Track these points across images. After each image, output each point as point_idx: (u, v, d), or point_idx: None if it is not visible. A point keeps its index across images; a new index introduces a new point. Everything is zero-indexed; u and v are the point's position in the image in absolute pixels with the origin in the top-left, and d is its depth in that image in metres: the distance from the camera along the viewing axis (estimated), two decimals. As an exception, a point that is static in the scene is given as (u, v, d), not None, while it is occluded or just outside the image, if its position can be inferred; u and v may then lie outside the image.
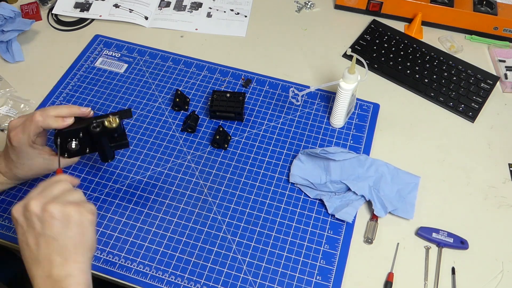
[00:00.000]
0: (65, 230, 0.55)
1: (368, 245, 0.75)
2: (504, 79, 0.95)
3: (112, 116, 0.67)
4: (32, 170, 0.70)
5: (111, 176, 0.81)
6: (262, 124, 0.88)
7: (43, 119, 0.65)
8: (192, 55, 0.99)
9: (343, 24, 1.07)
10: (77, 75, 0.95)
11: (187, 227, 0.75)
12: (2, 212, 0.77)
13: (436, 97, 0.93)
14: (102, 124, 0.66)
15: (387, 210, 0.75)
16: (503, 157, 0.85)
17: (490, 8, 1.02)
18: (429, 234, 0.74)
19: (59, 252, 0.55)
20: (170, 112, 0.90)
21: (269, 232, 0.75)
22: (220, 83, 0.94)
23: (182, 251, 0.73)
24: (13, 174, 0.70)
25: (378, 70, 0.97)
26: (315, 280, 0.71)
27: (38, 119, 0.64)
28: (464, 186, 0.81)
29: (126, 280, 0.71)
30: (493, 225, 0.77)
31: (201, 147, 0.85)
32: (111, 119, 0.67)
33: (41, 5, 1.08)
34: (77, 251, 0.56)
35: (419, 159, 0.84)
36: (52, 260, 0.54)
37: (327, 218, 0.77)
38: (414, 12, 1.04)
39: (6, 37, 0.96)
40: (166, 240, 0.74)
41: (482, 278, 0.72)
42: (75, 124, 0.67)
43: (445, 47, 1.03)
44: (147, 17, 1.06)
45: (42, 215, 0.55)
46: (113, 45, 1.00)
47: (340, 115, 0.84)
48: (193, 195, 0.79)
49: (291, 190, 0.80)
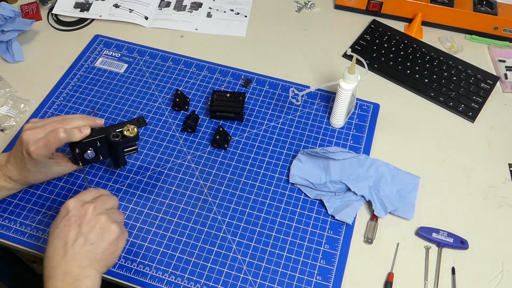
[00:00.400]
0: (103, 241, 0.61)
1: (368, 245, 0.75)
2: (504, 79, 0.95)
3: (130, 125, 0.71)
4: (48, 176, 0.74)
5: (111, 176, 0.81)
6: (262, 124, 0.88)
7: (68, 136, 0.67)
8: (192, 55, 0.99)
9: (343, 24, 1.07)
10: (77, 75, 0.95)
11: (187, 227, 0.75)
12: (2, 212, 0.77)
13: (436, 97, 0.93)
14: (121, 133, 0.70)
15: (387, 210, 0.75)
16: (503, 157, 0.85)
17: (490, 8, 1.02)
18: (429, 234, 0.74)
19: (88, 256, 0.60)
20: (170, 112, 0.90)
21: (269, 232, 0.75)
22: (220, 83, 0.94)
23: (182, 251, 0.73)
24: (27, 181, 0.73)
25: (378, 70, 0.97)
26: (315, 280, 0.71)
27: (62, 136, 0.66)
28: (464, 186, 0.81)
29: (126, 280, 0.71)
30: (493, 225, 0.77)
31: (201, 147, 0.85)
32: (130, 129, 0.70)
33: (41, 5, 1.08)
34: (101, 262, 0.61)
35: (419, 159, 0.84)
36: (79, 260, 0.59)
37: (327, 218, 0.77)
38: (414, 12, 1.04)
39: (6, 37, 0.96)
40: (166, 240, 0.74)
41: (482, 278, 0.72)
42: (91, 133, 0.70)
43: (445, 47, 1.03)
44: (147, 17, 1.06)
45: (93, 220, 0.61)
46: (113, 45, 1.00)
47: (340, 115, 0.84)
48: (193, 195, 0.79)
49: (291, 190, 0.80)
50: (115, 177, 0.81)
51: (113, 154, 0.75)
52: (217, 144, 0.84)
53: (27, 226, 0.75)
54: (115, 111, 0.89)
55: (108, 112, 0.89)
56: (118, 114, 0.89)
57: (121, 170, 0.81)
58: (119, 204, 0.71)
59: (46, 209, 0.77)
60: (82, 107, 0.90)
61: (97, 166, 0.82)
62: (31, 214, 0.76)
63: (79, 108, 0.90)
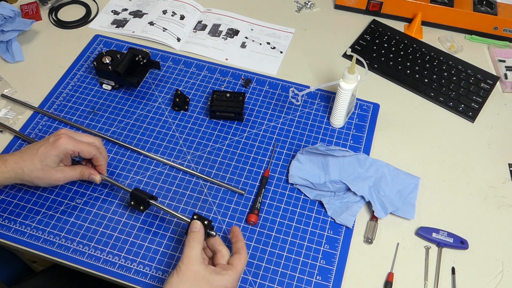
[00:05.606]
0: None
1: (368, 245, 0.75)
2: (504, 79, 0.95)
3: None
4: (44, 178, 0.72)
5: (111, 176, 0.81)
6: (262, 124, 0.88)
7: (89, 173, 0.75)
8: (192, 55, 0.99)
9: (343, 24, 1.07)
10: (77, 75, 0.95)
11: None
12: (2, 212, 0.77)
13: (436, 97, 0.93)
14: None
15: (387, 211, 0.75)
16: (503, 157, 0.85)
17: (490, 8, 1.02)
18: (429, 234, 0.74)
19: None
20: (170, 112, 0.90)
21: (269, 232, 0.75)
22: (220, 83, 0.94)
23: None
24: (21, 171, 0.70)
25: (378, 70, 0.97)
26: (315, 280, 0.71)
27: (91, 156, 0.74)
28: (464, 186, 0.81)
29: (126, 280, 0.71)
30: (493, 225, 0.77)
31: (201, 147, 0.85)
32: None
33: (41, 5, 1.08)
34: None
35: (419, 159, 0.84)
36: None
37: (327, 218, 0.77)
38: (414, 12, 1.04)
39: (6, 37, 0.96)
40: (166, 240, 0.74)
41: (482, 278, 0.72)
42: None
43: (445, 47, 1.03)
44: (179, 38, 1.02)
45: None
46: (113, 45, 1.00)
47: (340, 115, 0.84)
48: (193, 195, 0.79)
49: (291, 190, 0.80)
50: (115, 177, 0.81)
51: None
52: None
53: (27, 226, 0.75)
54: (115, 111, 0.89)
55: (108, 112, 0.89)
56: (118, 114, 0.89)
57: (121, 170, 0.81)
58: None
59: (46, 209, 0.77)
60: (82, 107, 0.90)
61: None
62: (31, 214, 0.76)
63: (79, 108, 0.90)
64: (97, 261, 0.72)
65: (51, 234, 0.74)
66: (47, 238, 0.74)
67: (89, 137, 0.75)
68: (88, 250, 0.73)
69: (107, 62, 0.89)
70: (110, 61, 0.89)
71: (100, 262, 0.72)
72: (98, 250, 0.73)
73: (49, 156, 0.70)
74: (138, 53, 0.89)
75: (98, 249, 0.73)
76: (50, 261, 0.74)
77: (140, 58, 0.89)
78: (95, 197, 0.78)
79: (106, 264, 0.72)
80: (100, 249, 0.73)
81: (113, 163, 0.82)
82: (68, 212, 0.77)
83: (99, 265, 0.72)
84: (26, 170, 0.70)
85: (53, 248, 0.73)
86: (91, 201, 0.78)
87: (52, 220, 0.76)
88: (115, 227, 0.75)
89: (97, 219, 0.76)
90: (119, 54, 0.90)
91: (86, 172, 0.75)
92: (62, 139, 0.71)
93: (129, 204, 0.74)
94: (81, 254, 0.73)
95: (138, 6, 1.08)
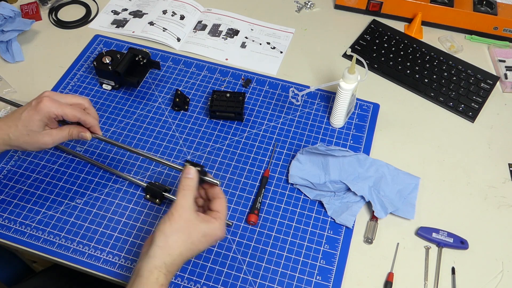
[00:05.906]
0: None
1: (368, 245, 0.75)
2: (504, 79, 0.95)
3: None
4: (31, 142, 0.69)
5: (111, 176, 0.81)
6: (262, 124, 0.88)
7: (79, 132, 0.71)
8: (192, 55, 0.99)
9: (343, 24, 1.07)
10: (77, 75, 0.95)
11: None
12: (2, 212, 0.77)
13: (436, 97, 0.93)
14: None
15: (387, 211, 0.75)
16: (503, 157, 0.85)
17: (490, 8, 1.02)
18: (429, 234, 0.74)
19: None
20: (170, 112, 0.90)
21: (269, 232, 0.75)
22: (220, 83, 0.94)
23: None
24: (8, 136, 0.68)
25: (378, 70, 0.97)
26: (315, 280, 0.71)
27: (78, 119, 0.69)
28: (464, 186, 0.81)
29: (126, 280, 0.71)
30: (493, 225, 0.77)
31: (201, 147, 0.85)
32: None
33: (41, 5, 1.08)
34: None
35: (419, 159, 0.84)
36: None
37: (327, 218, 0.77)
38: (414, 12, 1.04)
39: (6, 37, 0.96)
40: (166, 240, 0.74)
41: (482, 278, 0.72)
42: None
43: (445, 47, 1.03)
44: (179, 38, 1.02)
45: None
46: (113, 45, 1.00)
47: (340, 115, 0.84)
48: (193, 195, 0.79)
49: (291, 190, 0.80)
50: (115, 176, 0.81)
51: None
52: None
53: (27, 226, 0.75)
54: (115, 111, 0.89)
55: (108, 112, 0.89)
56: (118, 114, 0.89)
57: (121, 170, 0.81)
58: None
59: (46, 209, 0.77)
60: (82, 107, 0.90)
61: (97, 166, 0.82)
62: (31, 214, 0.76)
63: (79, 108, 0.90)
64: (97, 261, 0.72)
65: (51, 234, 0.74)
66: (47, 238, 0.74)
67: (74, 97, 0.70)
68: (88, 250, 0.73)
69: (107, 62, 0.89)
70: (110, 61, 0.89)
71: (100, 262, 0.72)
72: (98, 250, 0.73)
73: (33, 120, 0.66)
74: (138, 53, 0.89)
75: (98, 249, 0.73)
76: (50, 261, 0.74)
77: (140, 58, 0.89)
78: (95, 197, 0.78)
79: (106, 264, 0.72)
80: (100, 249, 0.73)
81: (113, 163, 0.82)
82: (68, 212, 0.77)
83: (99, 265, 0.72)
84: (12, 136, 0.68)
85: (53, 248, 0.73)
86: (91, 201, 0.78)
87: (52, 220, 0.76)
88: (115, 227, 0.75)
89: (97, 219, 0.76)
90: (119, 54, 0.90)
91: (75, 131, 0.70)
92: (44, 102, 0.66)
93: (144, 197, 0.77)
94: (81, 254, 0.73)
95: (138, 6, 1.08)
